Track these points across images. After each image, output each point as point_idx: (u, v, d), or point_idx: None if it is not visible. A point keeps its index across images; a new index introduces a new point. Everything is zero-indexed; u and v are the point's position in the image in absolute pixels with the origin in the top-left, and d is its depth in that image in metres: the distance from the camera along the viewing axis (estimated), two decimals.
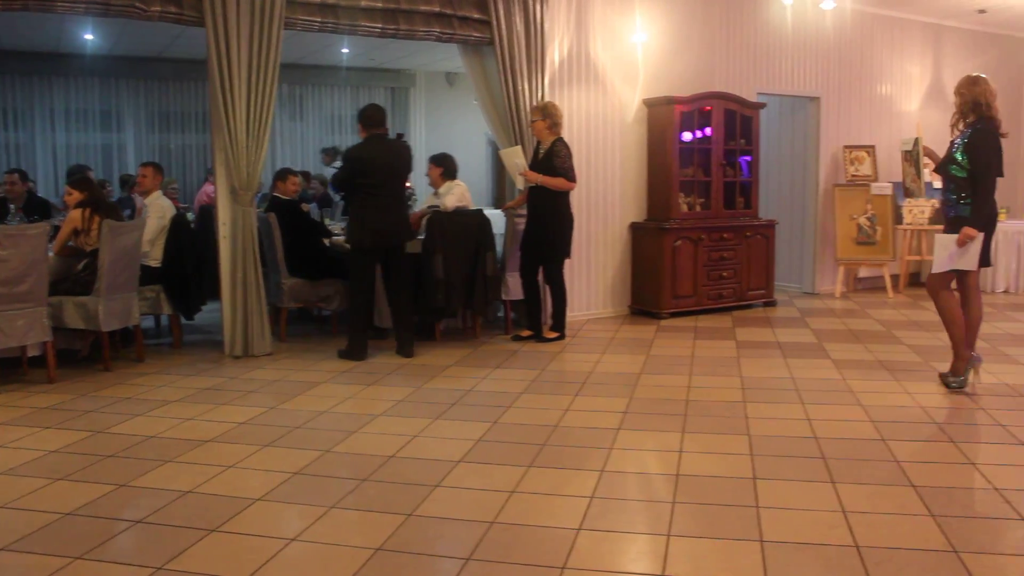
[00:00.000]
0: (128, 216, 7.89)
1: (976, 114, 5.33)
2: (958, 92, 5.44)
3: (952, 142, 5.45)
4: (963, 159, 5.29)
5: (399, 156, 6.63)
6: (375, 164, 6.40)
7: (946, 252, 5.36)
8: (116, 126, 12.50)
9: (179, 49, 11.31)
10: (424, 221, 7.11)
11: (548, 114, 7.01)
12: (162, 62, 12.21)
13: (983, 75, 5.44)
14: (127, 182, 10.89)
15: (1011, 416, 4.88)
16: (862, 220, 9.93)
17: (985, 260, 5.35)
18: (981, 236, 5.26)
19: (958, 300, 5.47)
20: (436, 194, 7.52)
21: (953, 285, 5.52)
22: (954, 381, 5.41)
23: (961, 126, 5.45)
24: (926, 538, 3.20)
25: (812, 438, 4.47)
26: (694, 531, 3.30)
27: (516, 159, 7.15)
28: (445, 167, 7.50)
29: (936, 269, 5.45)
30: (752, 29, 9.31)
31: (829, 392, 5.46)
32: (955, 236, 5.28)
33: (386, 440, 4.51)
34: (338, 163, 9.71)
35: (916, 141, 6.02)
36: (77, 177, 7.15)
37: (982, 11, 10.30)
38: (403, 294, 6.72)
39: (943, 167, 5.47)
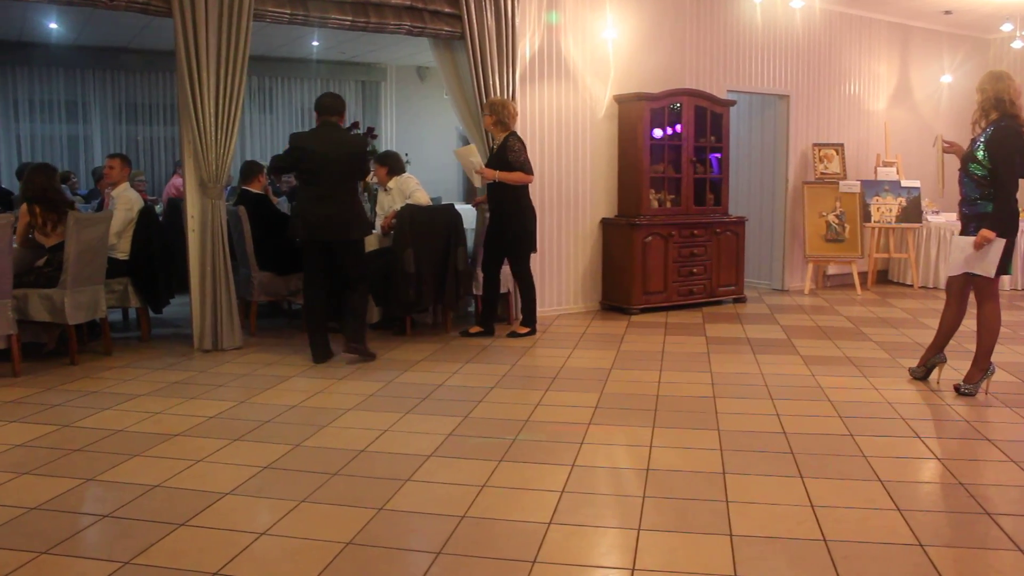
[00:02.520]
0: (96, 208, 7.78)
1: (999, 111, 5.12)
2: (980, 88, 5.23)
3: (974, 139, 5.23)
4: (984, 157, 5.09)
5: (341, 146, 6.08)
6: (312, 152, 6.04)
7: (962, 255, 5.20)
8: (82, 117, 12.33)
9: (147, 40, 11.17)
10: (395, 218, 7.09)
11: (494, 111, 7.04)
12: (129, 52, 12.05)
13: (1006, 71, 5.23)
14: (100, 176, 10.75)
15: (976, 412, 4.95)
16: (831, 217, 10.02)
17: (1004, 267, 5.11)
18: (1002, 241, 5.05)
19: (999, 309, 5.23)
20: (386, 190, 7.53)
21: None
22: (967, 388, 5.25)
23: (983, 123, 5.22)
24: (893, 532, 3.24)
25: (781, 433, 4.51)
26: (664, 525, 3.32)
27: (471, 157, 7.16)
28: (390, 166, 7.53)
29: (951, 272, 5.31)
30: (723, 27, 9.37)
31: (798, 387, 5.51)
32: (972, 239, 5.10)
33: (357, 434, 4.50)
34: None
35: (937, 139, 5.91)
36: (31, 168, 7.04)
37: (948, 12, 10.44)
38: (354, 292, 6.25)
39: (963, 164, 5.25)
